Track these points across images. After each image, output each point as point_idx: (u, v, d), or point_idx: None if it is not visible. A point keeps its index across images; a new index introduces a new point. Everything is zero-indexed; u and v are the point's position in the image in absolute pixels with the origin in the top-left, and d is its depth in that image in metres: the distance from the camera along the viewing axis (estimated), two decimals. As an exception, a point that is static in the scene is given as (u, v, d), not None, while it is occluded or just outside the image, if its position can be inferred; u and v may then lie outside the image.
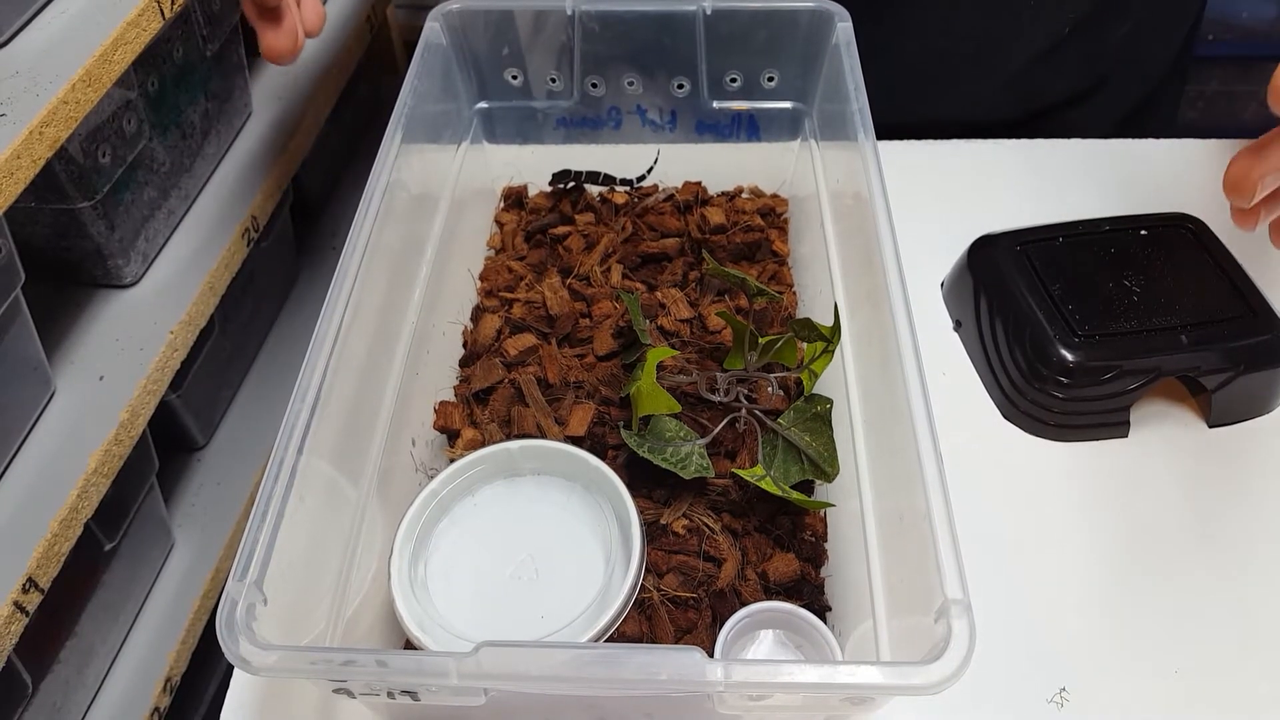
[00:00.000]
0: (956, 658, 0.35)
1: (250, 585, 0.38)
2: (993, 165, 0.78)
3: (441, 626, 0.47)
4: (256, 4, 0.54)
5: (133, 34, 0.59)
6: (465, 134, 0.70)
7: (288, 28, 0.55)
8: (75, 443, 0.61)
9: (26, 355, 0.60)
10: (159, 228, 0.73)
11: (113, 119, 0.65)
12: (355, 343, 0.49)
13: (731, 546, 0.52)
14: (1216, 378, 0.59)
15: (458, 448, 0.58)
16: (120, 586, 0.71)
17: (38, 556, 0.56)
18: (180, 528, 0.80)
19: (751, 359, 0.57)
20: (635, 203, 0.72)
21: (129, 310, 0.70)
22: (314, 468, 0.44)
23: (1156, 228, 0.66)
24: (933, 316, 0.68)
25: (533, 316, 0.64)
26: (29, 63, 0.56)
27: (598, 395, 0.59)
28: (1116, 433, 0.61)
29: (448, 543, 0.52)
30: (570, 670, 0.36)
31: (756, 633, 0.48)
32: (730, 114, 0.70)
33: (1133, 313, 0.60)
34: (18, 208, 0.53)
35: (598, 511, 0.52)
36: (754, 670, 0.36)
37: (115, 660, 0.72)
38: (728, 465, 0.55)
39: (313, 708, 0.50)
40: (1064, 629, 0.53)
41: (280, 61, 0.56)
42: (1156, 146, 0.78)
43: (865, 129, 0.55)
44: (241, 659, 0.36)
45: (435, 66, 0.64)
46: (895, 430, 0.44)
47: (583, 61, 0.67)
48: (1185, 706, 0.50)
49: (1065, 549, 0.56)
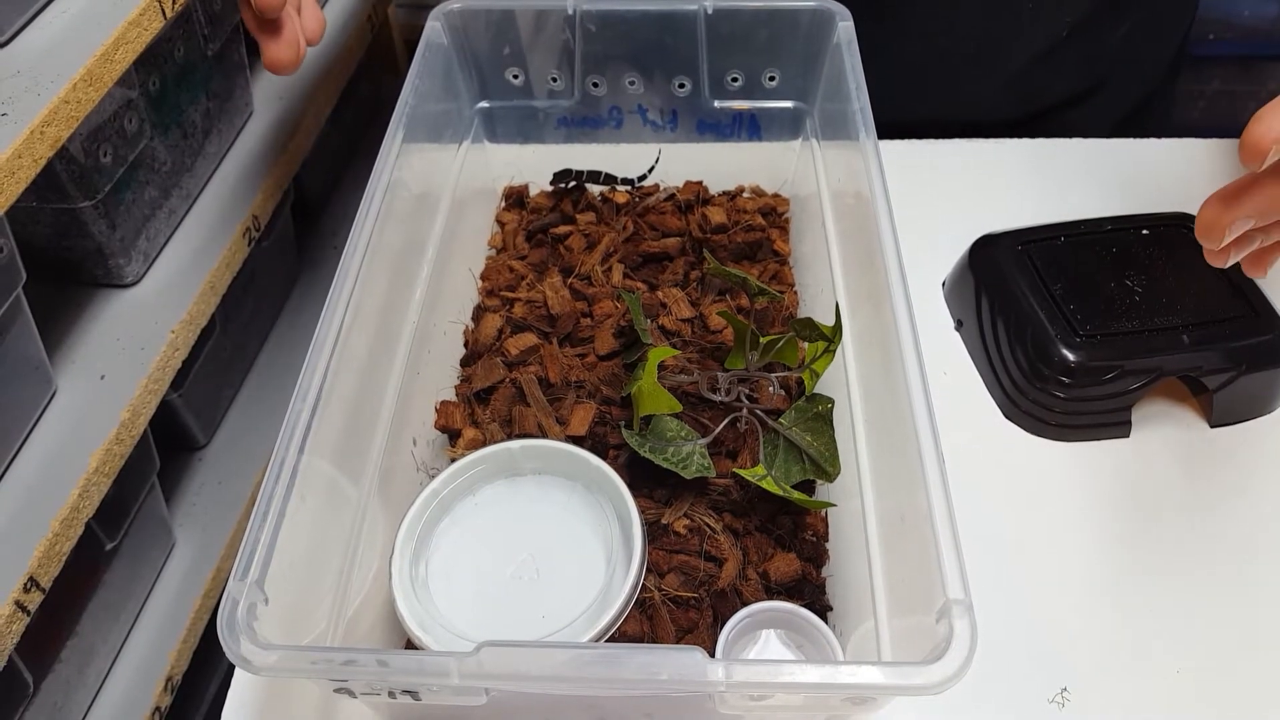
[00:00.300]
0: (958, 658, 0.35)
1: (251, 585, 0.38)
2: (994, 165, 0.78)
3: (442, 626, 0.47)
4: (256, 15, 0.54)
5: (134, 33, 0.59)
6: (466, 133, 0.70)
7: (288, 38, 0.55)
8: (76, 442, 0.61)
9: (28, 354, 0.60)
10: (160, 227, 0.73)
11: (114, 118, 0.65)
12: (356, 342, 0.49)
13: (733, 546, 0.52)
14: (1218, 378, 0.59)
15: (459, 447, 0.58)
16: (121, 586, 0.71)
17: (39, 556, 0.56)
18: (181, 527, 0.80)
19: (753, 358, 0.57)
20: (636, 202, 0.72)
21: (130, 310, 0.70)
22: (315, 467, 0.44)
23: (1158, 227, 0.66)
24: (934, 316, 0.68)
25: (534, 316, 0.64)
26: (30, 62, 0.56)
27: (599, 395, 0.59)
28: (1118, 433, 0.61)
29: (449, 542, 0.52)
30: (571, 670, 0.36)
31: (757, 633, 0.48)
32: (731, 113, 0.70)
33: (1134, 312, 0.60)
34: (19, 207, 0.53)
35: (599, 511, 0.52)
36: (755, 670, 0.36)
37: (116, 659, 0.72)
38: (729, 465, 0.55)
39: (314, 707, 0.50)
40: (1065, 629, 0.53)
41: (282, 72, 0.56)
42: (1158, 146, 0.78)
43: (867, 128, 0.55)
44: (242, 658, 0.36)
45: (436, 66, 0.64)
46: (896, 430, 0.44)
47: (584, 61, 0.67)
48: (1186, 706, 0.50)
49: (1067, 549, 0.56)
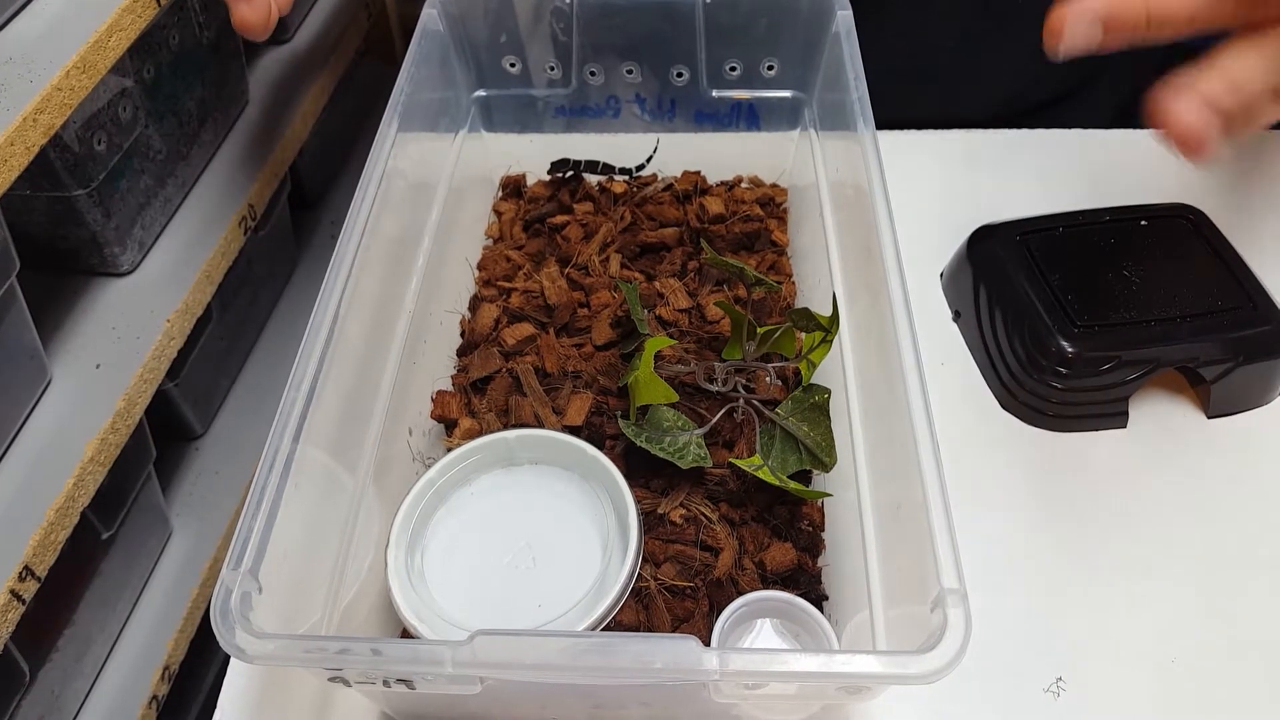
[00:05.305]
0: (952, 647, 0.35)
1: (245, 574, 0.38)
2: (992, 156, 0.78)
3: (438, 615, 0.47)
4: None
5: (128, 20, 0.59)
6: (463, 122, 0.69)
7: (258, 2, 0.55)
8: (72, 431, 0.61)
9: (22, 343, 0.60)
10: (155, 216, 0.73)
11: (108, 106, 0.65)
12: (352, 331, 0.49)
13: (729, 536, 0.52)
14: (1215, 368, 0.59)
15: (455, 437, 0.58)
16: (118, 575, 0.71)
17: (34, 545, 0.56)
18: (178, 516, 0.80)
19: (750, 349, 0.57)
20: (634, 192, 0.72)
21: (125, 298, 0.69)
22: (310, 456, 0.43)
23: (1156, 218, 0.65)
24: (932, 307, 0.68)
25: (531, 306, 0.64)
26: (23, 48, 0.55)
27: (596, 385, 0.59)
28: (1115, 423, 0.61)
29: (445, 532, 0.51)
30: (565, 659, 0.36)
31: (753, 621, 0.49)
32: (729, 103, 0.69)
33: (1132, 303, 0.60)
34: (12, 195, 0.53)
35: (595, 501, 0.52)
36: (750, 659, 0.36)
37: (113, 649, 0.72)
38: (725, 455, 0.55)
39: (310, 696, 0.50)
40: (1060, 618, 0.53)
41: (251, 36, 0.55)
42: (1157, 136, 0.78)
43: (865, 119, 0.55)
44: (236, 648, 0.36)
45: (433, 54, 0.63)
46: (893, 420, 0.44)
47: (581, 50, 0.67)
48: (1181, 696, 0.50)
49: (1062, 539, 0.56)
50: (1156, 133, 0.41)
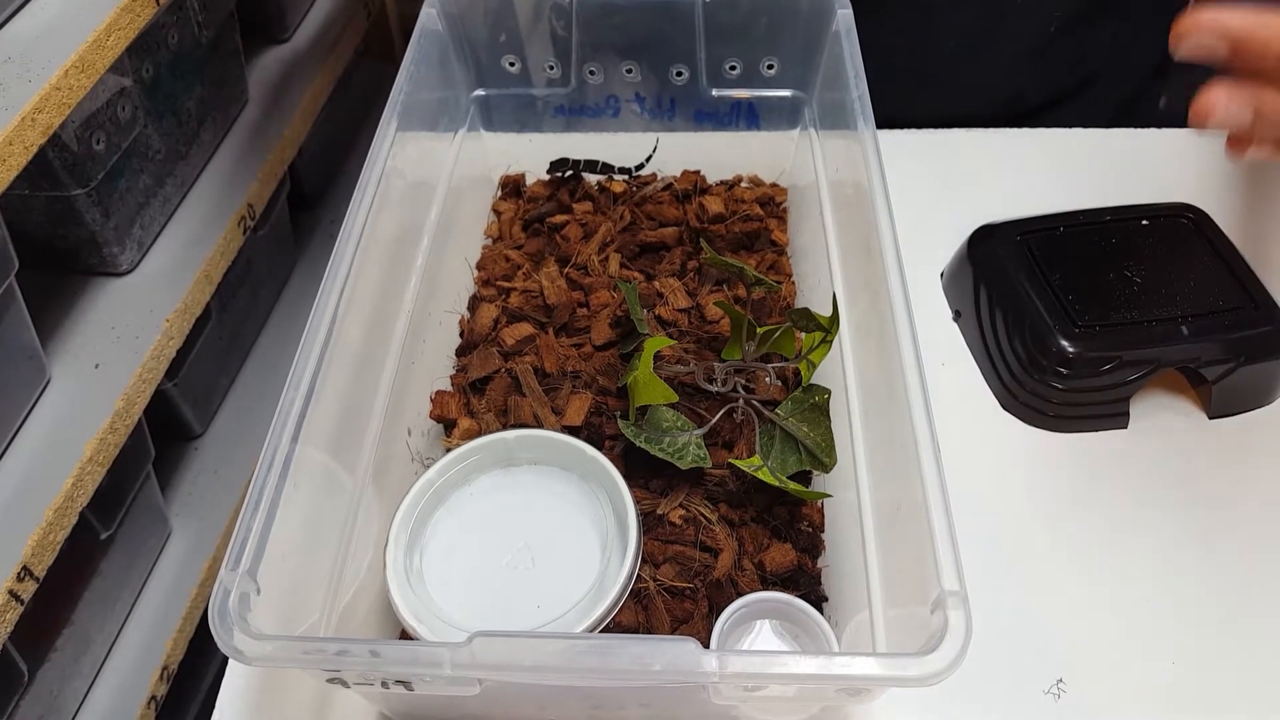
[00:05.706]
0: (953, 649, 0.35)
1: (243, 574, 0.38)
2: (993, 155, 0.77)
3: (437, 616, 0.47)
4: None
5: (126, 20, 0.59)
6: (462, 121, 0.69)
7: None
8: (70, 431, 0.61)
9: (21, 343, 0.60)
10: (154, 215, 0.73)
11: (107, 106, 0.65)
12: (351, 331, 0.49)
13: (728, 537, 0.51)
14: (1217, 369, 0.59)
15: (454, 437, 0.57)
16: (117, 575, 0.71)
17: (33, 545, 0.56)
18: (177, 516, 0.80)
19: (749, 349, 0.57)
20: (633, 191, 0.72)
21: (124, 298, 0.69)
22: (309, 456, 0.43)
23: (1157, 218, 0.65)
24: (932, 307, 0.68)
25: (530, 306, 0.64)
26: (21, 48, 0.55)
27: (595, 385, 0.58)
28: (1116, 424, 0.60)
29: (444, 532, 0.51)
30: (564, 660, 0.36)
31: (753, 623, 0.48)
32: (729, 102, 0.69)
33: (1133, 303, 0.60)
34: (12, 195, 0.53)
35: (594, 501, 0.52)
36: (749, 661, 0.36)
37: (112, 649, 0.72)
38: (725, 455, 0.55)
39: (309, 696, 0.50)
40: (1061, 620, 0.53)
41: None
42: (1157, 136, 0.78)
43: (865, 118, 0.54)
44: (234, 649, 0.36)
45: (432, 53, 0.63)
46: (893, 421, 0.44)
47: (581, 49, 0.67)
48: (1182, 697, 0.50)
49: (1063, 540, 0.56)
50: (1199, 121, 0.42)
